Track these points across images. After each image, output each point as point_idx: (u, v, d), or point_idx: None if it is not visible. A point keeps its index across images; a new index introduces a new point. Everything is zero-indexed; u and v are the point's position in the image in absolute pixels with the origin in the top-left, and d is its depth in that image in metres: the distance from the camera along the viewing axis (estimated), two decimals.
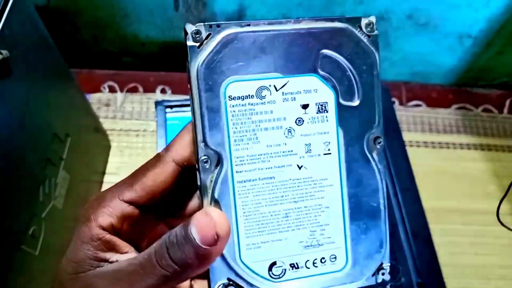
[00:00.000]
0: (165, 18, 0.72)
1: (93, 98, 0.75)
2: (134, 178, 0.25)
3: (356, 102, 0.24)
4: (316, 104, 0.24)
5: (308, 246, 0.24)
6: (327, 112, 0.24)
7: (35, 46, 0.44)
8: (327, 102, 0.24)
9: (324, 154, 0.24)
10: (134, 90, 0.77)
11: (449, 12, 0.69)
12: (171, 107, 0.53)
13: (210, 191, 0.23)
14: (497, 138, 0.76)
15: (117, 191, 0.25)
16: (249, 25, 0.23)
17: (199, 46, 0.25)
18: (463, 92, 0.81)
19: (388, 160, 0.49)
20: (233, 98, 0.23)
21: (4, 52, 0.37)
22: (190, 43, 0.26)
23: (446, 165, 0.72)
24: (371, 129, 0.25)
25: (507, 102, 0.80)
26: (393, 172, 0.48)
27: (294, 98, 0.24)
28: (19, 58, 0.40)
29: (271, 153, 0.24)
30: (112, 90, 0.76)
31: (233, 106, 0.23)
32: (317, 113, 0.24)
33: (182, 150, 0.24)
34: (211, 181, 0.23)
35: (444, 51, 0.77)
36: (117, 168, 0.68)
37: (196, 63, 0.25)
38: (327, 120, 0.24)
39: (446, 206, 0.68)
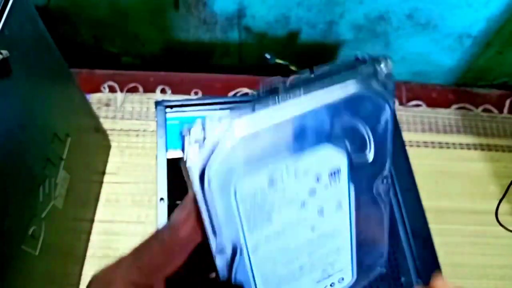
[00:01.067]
0: (165, 18, 0.72)
1: (93, 98, 0.75)
2: (141, 260, 0.23)
3: (368, 159, 0.23)
4: (329, 173, 0.23)
5: (320, 280, 0.25)
6: (339, 175, 0.23)
7: (35, 46, 0.44)
8: (339, 167, 0.23)
9: (336, 211, 0.24)
10: (134, 90, 0.77)
11: (449, 12, 0.69)
12: (171, 107, 0.53)
13: (227, 275, 0.22)
14: (497, 138, 0.76)
15: (126, 275, 0.23)
16: (253, 110, 0.20)
17: (200, 146, 0.20)
18: (463, 92, 0.81)
19: None
20: (244, 194, 0.21)
21: (4, 52, 0.37)
22: (190, 145, 0.21)
23: (446, 165, 0.72)
24: (381, 175, 0.24)
25: (507, 102, 0.80)
26: (393, 172, 0.48)
27: (307, 173, 0.22)
28: (19, 58, 0.40)
29: (286, 226, 0.23)
30: (112, 90, 0.76)
31: (244, 202, 0.21)
32: (329, 179, 0.23)
33: (189, 234, 0.22)
34: (227, 265, 0.22)
35: (444, 51, 0.77)
36: (117, 168, 0.69)
37: (200, 165, 0.20)
38: (339, 182, 0.23)
39: (446, 206, 0.68)
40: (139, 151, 0.70)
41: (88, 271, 0.60)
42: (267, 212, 0.22)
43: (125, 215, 0.65)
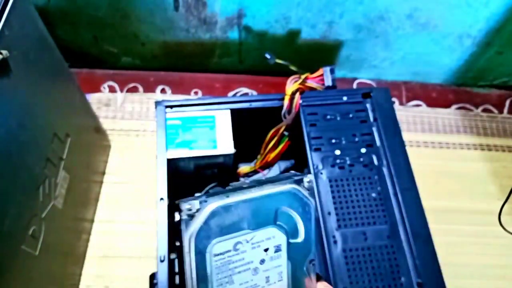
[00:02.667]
0: (165, 18, 0.72)
1: (93, 98, 0.75)
2: None
3: (300, 240, 0.33)
4: (274, 247, 0.32)
5: None
6: (281, 251, 0.33)
7: (35, 46, 0.44)
8: (281, 244, 0.33)
9: (278, 281, 0.33)
10: (134, 90, 0.77)
11: (449, 12, 0.69)
12: (171, 107, 0.53)
13: None
14: (497, 138, 0.76)
15: None
16: (228, 196, 0.31)
17: (191, 219, 0.31)
18: (463, 92, 0.82)
19: (388, 160, 0.49)
20: (217, 255, 0.31)
21: (4, 52, 0.37)
22: (184, 217, 0.31)
23: (446, 165, 0.72)
24: (309, 255, 0.34)
25: (507, 102, 0.80)
26: (393, 172, 0.48)
27: (259, 245, 0.32)
28: (19, 58, 0.40)
29: None
30: (112, 90, 0.76)
31: (216, 261, 0.31)
32: (274, 253, 0.32)
33: None
34: None
35: (444, 51, 0.77)
36: (117, 168, 0.69)
37: (189, 233, 0.30)
38: (280, 256, 0.33)
39: (446, 206, 0.68)
40: (139, 151, 0.70)
41: (88, 271, 0.60)
42: (230, 273, 0.31)
43: (125, 215, 0.65)
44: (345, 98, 0.53)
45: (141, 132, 0.72)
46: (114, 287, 0.59)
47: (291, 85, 0.53)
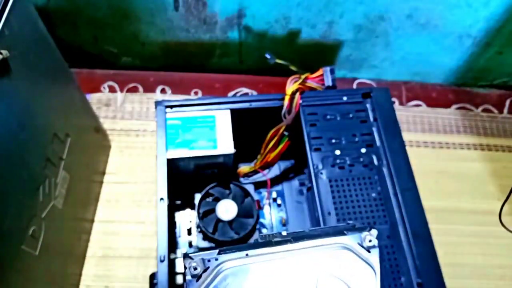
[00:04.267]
0: (165, 18, 0.72)
1: (93, 98, 0.75)
2: None
3: None
4: None
5: None
6: None
7: (35, 46, 0.44)
8: None
9: None
10: (134, 90, 0.77)
11: (449, 12, 0.69)
12: (171, 107, 0.53)
13: None
14: (497, 138, 0.76)
15: None
16: (247, 255, 0.23)
17: (197, 280, 0.24)
18: (463, 92, 0.81)
19: (388, 160, 0.49)
20: None
21: (4, 52, 0.37)
22: (188, 277, 0.24)
23: (446, 165, 0.72)
24: None
25: (507, 102, 0.80)
26: (393, 172, 0.48)
27: None
28: (19, 58, 0.40)
29: None
30: (112, 90, 0.76)
31: None
32: None
33: None
34: None
35: (444, 51, 0.77)
36: (117, 168, 0.69)
37: None
38: None
39: (446, 206, 0.68)
40: (139, 151, 0.70)
41: (88, 271, 0.60)
42: None
43: (125, 215, 0.65)
44: (345, 98, 0.53)
45: (141, 132, 0.72)
46: (114, 287, 0.59)
47: (291, 85, 0.53)
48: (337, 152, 0.50)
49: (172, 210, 0.57)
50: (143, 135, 0.72)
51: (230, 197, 0.55)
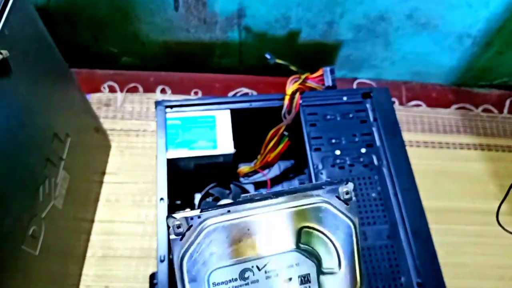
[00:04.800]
0: (165, 18, 0.72)
1: (93, 98, 0.75)
2: None
3: (337, 270, 0.26)
4: (298, 277, 0.26)
5: None
6: (309, 282, 0.26)
7: (35, 46, 0.44)
8: (309, 274, 0.26)
9: None
10: (134, 90, 0.77)
11: (449, 12, 0.69)
12: (171, 107, 0.53)
13: None
14: (497, 138, 0.76)
15: None
16: (229, 211, 0.24)
17: (181, 239, 0.25)
18: (463, 92, 0.81)
19: (388, 160, 0.49)
20: (217, 284, 0.25)
21: (4, 52, 0.37)
22: (172, 236, 0.25)
23: (446, 165, 0.72)
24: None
25: (507, 102, 0.80)
26: (393, 172, 0.48)
27: (277, 274, 0.25)
28: (19, 58, 0.40)
29: None
30: (112, 90, 0.76)
31: None
32: (300, 284, 0.26)
33: None
34: None
35: (444, 51, 0.77)
36: (117, 168, 0.69)
37: (179, 255, 0.25)
38: None
39: (446, 206, 0.68)
40: (139, 151, 0.70)
41: (88, 271, 0.60)
42: None
43: (125, 215, 0.65)
44: (345, 98, 0.53)
45: (141, 132, 0.72)
46: (114, 287, 0.59)
47: (291, 85, 0.53)
48: (337, 152, 0.50)
49: (172, 210, 0.57)
50: (143, 135, 0.72)
51: (230, 197, 0.55)
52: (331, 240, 0.26)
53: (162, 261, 0.43)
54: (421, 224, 0.46)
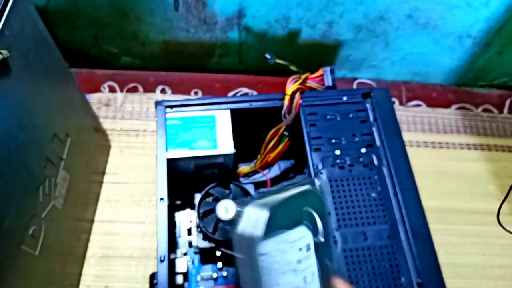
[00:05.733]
0: (165, 18, 0.72)
1: (93, 98, 0.75)
2: None
3: (321, 238, 0.34)
4: (305, 246, 0.33)
5: None
6: (310, 250, 0.33)
7: (35, 46, 0.44)
8: (310, 243, 0.33)
9: (313, 281, 0.33)
10: (134, 90, 0.77)
11: (449, 12, 0.69)
12: (171, 107, 0.53)
13: None
14: (497, 138, 0.76)
15: None
16: (263, 196, 0.32)
17: (236, 221, 0.31)
18: (463, 92, 0.82)
19: (388, 160, 0.49)
20: (261, 254, 0.30)
21: (4, 52, 0.37)
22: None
23: (446, 165, 0.72)
24: (329, 253, 0.35)
25: (507, 102, 0.80)
26: (393, 172, 0.48)
27: (294, 245, 0.32)
28: (19, 58, 0.40)
29: None
30: (112, 90, 0.76)
31: (262, 261, 0.30)
32: (306, 252, 0.33)
33: None
34: None
35: (444, 51, 0.77)
36: (117, 168, 0.69)
37: (238, 234, 0.31)
38: (310, 256, 0.33)
39: (446, 206, 0.68)
40: (139, 151, 0.70)
41: (88, 271, 0.60)
42: (274, 274, 0.31)
43: (125, 215, 0.65)
44: (345, 98, 0.53)
45: (141, 132, 0.72)
46: (114, 287, 0.59)
47: (291, 85, 0.53)
48: (337, 152, 0.50)
49: (172, 210, 0.57)
50: (143, 135, 0.72)
51: (230, 197, 0.55)
52: (319, 216, 0.34)
53: (162, 261, 0.43)
54: (421, 224, 0.46)
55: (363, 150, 0.50)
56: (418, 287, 0.43)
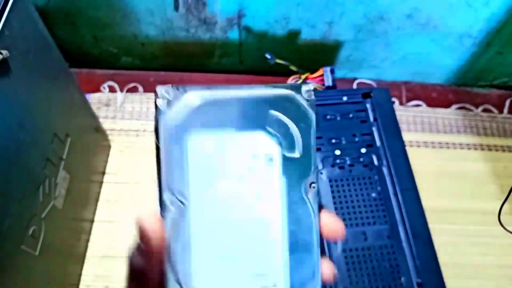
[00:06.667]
0: (165, 18, 0.72)
1: (93, 98, 0.75)
2: None
3: (297, 155, 0.29)
4: (264, 155, 0.28)
5: (254, 276, 0.28)
6: (273, 163, 0.28)
7: (35, 46, 0.44)
8: (272, 154, 0.28)
9: (271, 199, 0.28)
10: (134, 90, 0.77)
11: (449, 12, 0.69)
12: None
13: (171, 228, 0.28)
14: (497, 138, 0.76)
15: None
16: (210, 89, 0.29)
17: (167, 105, 0.29)
18: (463, 92, 0.81)
19: (388, 160, 0.49)
20: (195, 151, 0.27)
21: (4, 52, 0.37)
22: (159, 102, 0.29)
23: (446, 165, 0.72)
24: (308, 176, 0.29)
25: (507, 102, 0.80)
26: (393, 172, 0.48)
27: (243, 150, 0.28)
28: (19, 58, 0.40)
29: (226, 197, 0.28)
30: (112, 90, 0.76)
31: (195, 158, 0.27)
32: (265, 162, 0.28)
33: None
34: (172, 219, 0.28)
35: (444, 51, 0.77)
36: (117, 168, 0.69)
37: (164, 120, 0.28)
38: (273, 170, 0.28)
39: (446, 206, 0.68)
40: (139, 151, 0.70)
41: (88, 271, 0.60)
42: (210, 174, 0.27)
43: (125, 215, 0.65)
44: (345, 98, 0.53)
45: (141, 132, 0.72)
46: (114, 287, 0.59)
47: None
48: (337, 152, 0.50)
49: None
50: (143, 135, 0.72)
51: None
52: (293, 128, 0.29)
53: None
54: (421, 224, 0.46)
55: (363, 150, 0.50)
56: (418, 287, 0.43)
